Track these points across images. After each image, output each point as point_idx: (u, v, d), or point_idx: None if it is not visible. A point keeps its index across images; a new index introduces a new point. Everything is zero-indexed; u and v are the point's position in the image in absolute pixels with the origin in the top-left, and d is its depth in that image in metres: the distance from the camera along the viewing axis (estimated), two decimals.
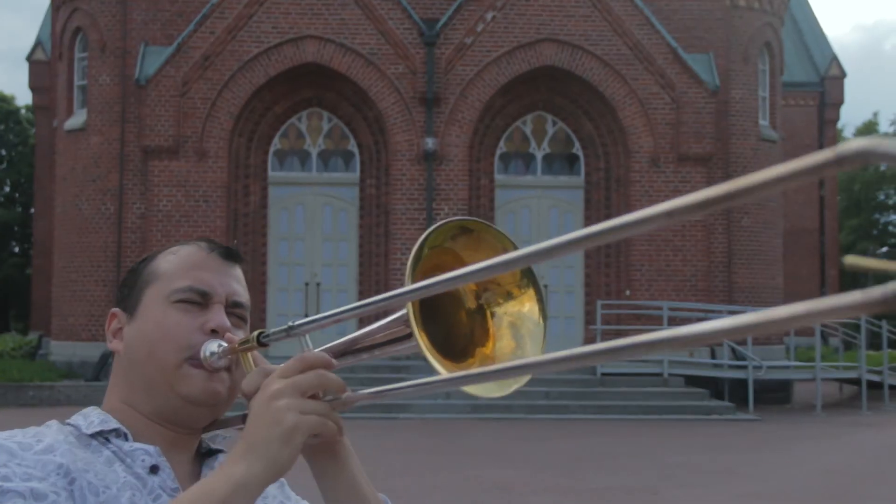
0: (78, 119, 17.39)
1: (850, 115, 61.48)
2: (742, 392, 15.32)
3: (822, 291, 24.84)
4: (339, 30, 16.62)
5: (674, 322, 16.28)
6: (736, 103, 17.60)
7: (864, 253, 37.33)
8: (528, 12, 16.78)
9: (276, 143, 17.45)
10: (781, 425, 13.54)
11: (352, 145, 17.47)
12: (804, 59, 25.99)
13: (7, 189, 37.78)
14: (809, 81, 25.32)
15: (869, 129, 41.82)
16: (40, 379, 16.02)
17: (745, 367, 15.38)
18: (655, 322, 16.21)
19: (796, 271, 24.03)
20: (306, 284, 17.23)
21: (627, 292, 16.75)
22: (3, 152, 37.07)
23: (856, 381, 16.47)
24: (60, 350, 17.26)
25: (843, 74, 25.41)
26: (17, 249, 37.57)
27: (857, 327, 16.72)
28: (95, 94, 17.12)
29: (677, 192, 16.74)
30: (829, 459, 10.26)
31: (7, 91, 41.32)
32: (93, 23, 17.19)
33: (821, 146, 25.28)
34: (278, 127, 17.41)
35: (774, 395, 16.44)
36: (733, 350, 16.22)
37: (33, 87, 24.66)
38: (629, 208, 16.81)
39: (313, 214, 17.37)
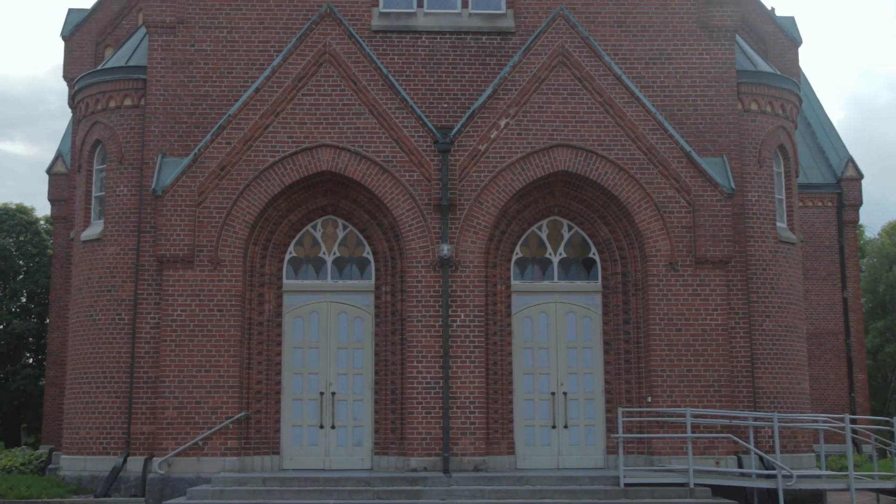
0: (94, 230, 17.47)
1: (871, 214, 61.19)
2: (772, 503, 14.73)
3: (850, 396, 24.25)
4: (353, 138, 16.77)
5: (697, 430, 15.83)
6: (752, 206, 17.52)
7: (892, 357, 36.67)
8: (542, 118, 16.91)
9: (292, 251, 17.42)
10: None
11: (367, 252, 17.41)
12: (819, 160, 26.06)
13: (23, 300, 37.88)
14: (826, 183, 25.31)
15: None
16: (48, 495, 15.64)
17: (773, 477, 14.83)
18: (679, 430, 15.75)
19: (823, 375, 23.53)
20: (321, 394, 16.94)
21: (649, 399, 16.36)
22: (21, 263, 37.33)
23: (893, 492, 15.83)
24: (70, 464, 16.91)
25: (859, 176, 25.41)
26: (31, 360, 37.42)
27: (890, 434, 16.18)
28: (112, 204, 17.24)
29: (696, 296, 16.52)
30: None
31: (27, 203, 41.93)
32: (112, 135, 17.43)
33: (841, 248, 25.09)
34: (293, 235, 17.41)
35: None
36: (761, 458, 15.68)
37: (52, 198, 24.95)
38: (648, 313, 16.58)
39: (328, 322, 17.20)
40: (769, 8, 25.23)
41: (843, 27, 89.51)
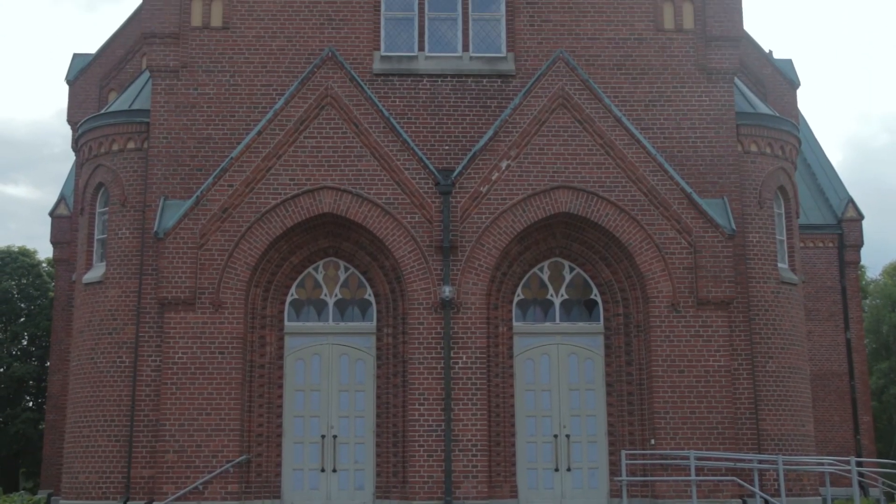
0: (96, 272, 17.48)
1: (871, 255, 61.33)
2: None
3: (856, 438, 24.05)
4: (355, 180, 16.83)
5: (701, 472, 15.70)
6: (753, 247, 17.52)
7: None
8: (543, 160, 16.99)
9: (293, 293, 17.41)
10: None
11: (368, 294, 17.40)
12: (820, 201, 26.12)
13: (24, 342, 37.79)
14: (827, 223, 25.34)
15: None
16: None
17: None
18: (683, 473, 15.61)
19: (828, 417, 23.37)
20: (322, 437, 16.83)
21: (652, 441, 16.24)
22: (23, 306, 37.29)
23: None
24: None
25: (860, 216, 25.44)
26: (31, 404, 37.22)
27: None
28: (114, 247, 17.26)
29: (698, 338, 16.46)
30: None
31: (30, 246, 41.97)
32: (115, 178, 17.51)
33: (843, 289, 25.04)
34: (295, 277, 17.41)
35: None
36: (766, 502, 15.52)
37: (55, 241, 24.98)
38: (650, 354, 16.51)
39: (330, 365, 17.15)
40: (767, 51, 25.45)
41: (840, 70, 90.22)
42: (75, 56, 23.55)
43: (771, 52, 25.79)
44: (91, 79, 22.91)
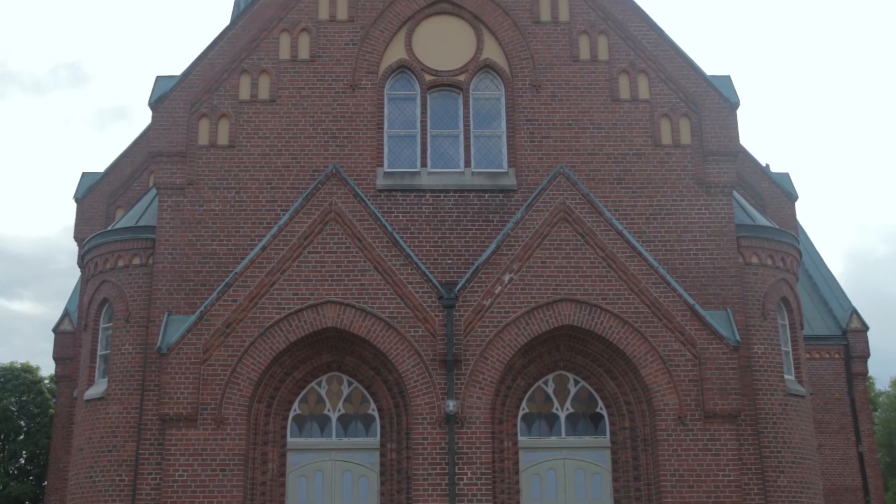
0: (98, 388, 17.37)
1: (877, 367, 60.85)
2: None
3: None
4: (358, 295, 16.88)
5: None
6: (759, 358, 17.42)
7: None
8: (545, 274, 17.07)
9: (296, 408, 17.25)
10: None
11: (372, 409, 17.23)
12: (823, 312, 26.08)
13: (22, 461, 37.20)
14: (832, 335, 25.24)
15: None
16: None
17: None
18: None
19: None
20: None
21: None
22: (23, 423, 36.89)
23: None
24: None
25: (864, 327, 25.36)
26: None
27: None
28: (117, 363, 17.20)
29: (707, 451, 16.20)
30: None
31: (33, 362, 41.81)
32: (119, 294, 17.59)
33: (852, 401, 24.75)
34: (298, 392, 17.28)
35: None
36: None
37: (57, 357, 24.87)
38: (658, 469, 16.22)
39: (332, 482, 16.84)
40: (764, 164, 25.86)
41: (837, 182, 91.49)
42: (84, 174, 23.97)
43: (768, 165, 26.21)
44: (99, 196, 23.26)
